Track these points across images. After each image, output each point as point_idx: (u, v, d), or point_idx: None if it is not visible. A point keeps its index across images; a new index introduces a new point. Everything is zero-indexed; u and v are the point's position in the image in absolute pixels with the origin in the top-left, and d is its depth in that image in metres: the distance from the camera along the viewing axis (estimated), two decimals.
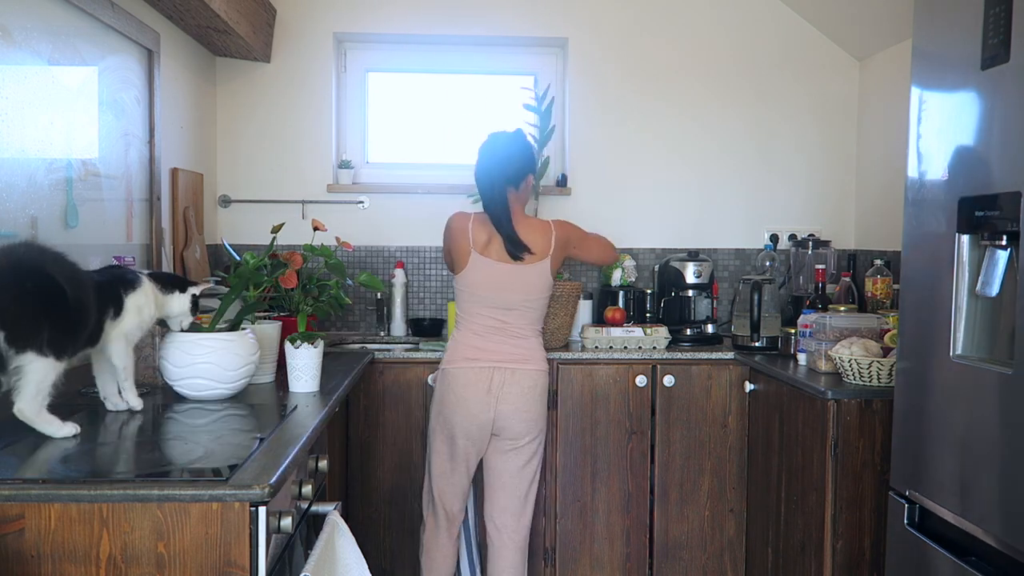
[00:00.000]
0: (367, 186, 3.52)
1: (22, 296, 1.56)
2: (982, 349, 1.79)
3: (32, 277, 1.58)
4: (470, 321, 2.60)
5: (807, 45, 3.60)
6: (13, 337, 1.55)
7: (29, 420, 1.63)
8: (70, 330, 1.65)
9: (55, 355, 1.61)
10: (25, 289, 1.57)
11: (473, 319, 2.59)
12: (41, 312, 1.58)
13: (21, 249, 1.62)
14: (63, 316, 1.62)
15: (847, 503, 2.39)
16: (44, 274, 1.60)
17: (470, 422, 2.55)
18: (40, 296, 1.59)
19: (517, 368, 2.55)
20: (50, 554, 1.36)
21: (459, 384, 2.55)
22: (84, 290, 1.69)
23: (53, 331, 1.59)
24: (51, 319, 1.59)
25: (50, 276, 1.61)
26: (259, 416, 1.96)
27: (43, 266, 1.61)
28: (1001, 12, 1.64)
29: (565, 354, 3.01)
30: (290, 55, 3.46)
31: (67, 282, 1.63)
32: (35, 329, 1.57)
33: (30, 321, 1.57)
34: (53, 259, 1.64)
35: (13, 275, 1.57)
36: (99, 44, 2.31)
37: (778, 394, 2.75)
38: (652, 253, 3.60)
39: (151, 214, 2.69)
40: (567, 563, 3.05)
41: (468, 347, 2.57)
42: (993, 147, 1.69)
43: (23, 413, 1.62)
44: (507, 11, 3.50)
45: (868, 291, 3.06)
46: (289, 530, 1.53)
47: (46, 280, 1.60)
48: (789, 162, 3.63)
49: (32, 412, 1.63)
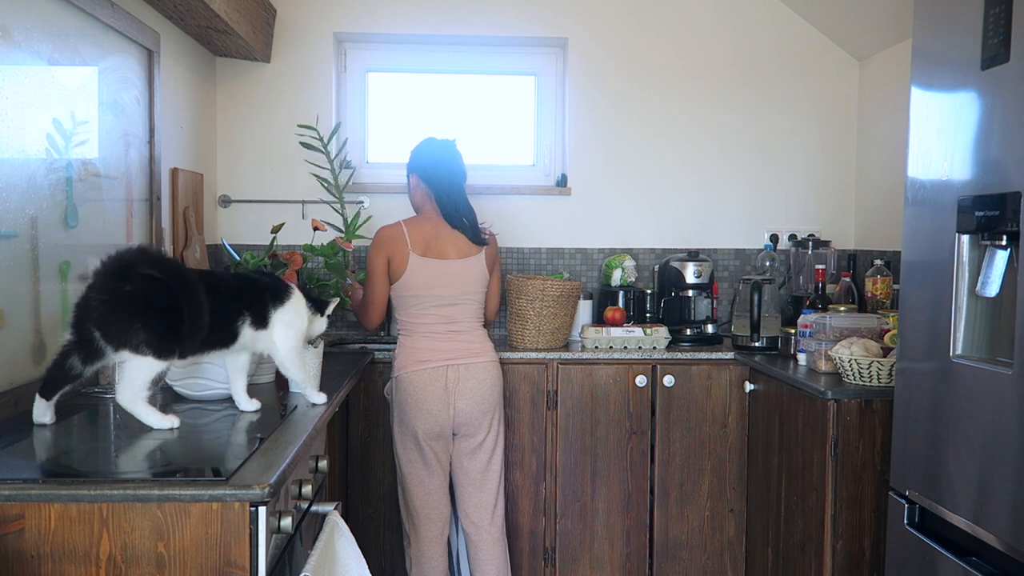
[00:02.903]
0: (367, 186, 3.52)
1: (117, 299, 1.66)
2: (982, 349, 1.79)
3: (132, 281, 1.67)
4: (416, 324, 2.64)
5: (807, 45, 3.60)
6: (107, 336, 1.66)
7: (126, 408, 1.74)
8: (172, 331, 1.70)
9: (154, 354, 1.68)
10: (122, 292, 1.66)
11: (419, 321, 2.63)
12: (137, 314, 1.66)
13: (128, 254, 1.70)
14: (165, 318, 1.69)
15: (847, 503, 2.39)
16: (144, 278, 1.68)
17: (433, 423, 2.59)
18: (137, 299, 1.67)
19: (471, 362, 2.61)
20: (50, 554, 1.36)
21: (415, 387, 2.58)
22: (192, 293, 1.73)
23: (149, 333, 1.67)
24: (147, 321, 1.67)
25: (151, 280, 1.68)
26: (259, 416, 1.96)
27: (145, 270, 1.68)
28: (1001, 12, 1.64)
29: (565, 354, 3.01)
30: (290, 55, 3.46)
31: (171, 286, 1.70)
32: (128, 330, 1.66)
33: (123, 322, 1.66)
34: (159, 263, 1.72)
35: (114, 278, 1.66)
36: (99, 44, 2.31)
37: (778, 394, 2.75)
38: (652, 253, 3.60)
39: (151, 214, 2.69)
40: (567, 563, 3.05)
41: (418, 350, 2.61)
42: (993, 147, 1.69)
43: (120, 402, 1.73)
44: (507, 11, 3.50)
45: (868, 291, 3.06)
46: (289, 530, 1.53)
47: (146, 284, 1.68)
48: (789, 162, 3.63)
49: (127, 402, 1.73)
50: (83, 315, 1.67)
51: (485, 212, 3.41)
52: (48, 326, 2.04)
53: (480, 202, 3.49)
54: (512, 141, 3.70)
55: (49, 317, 2.04)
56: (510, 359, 2.98)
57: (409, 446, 2.64)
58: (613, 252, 3.57)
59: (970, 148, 1.76)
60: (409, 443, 2.64)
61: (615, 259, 3.45)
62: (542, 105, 3.66)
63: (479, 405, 2.62)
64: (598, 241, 3.58)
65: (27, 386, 1.90)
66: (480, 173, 3.61)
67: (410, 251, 2.61)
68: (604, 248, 3.59)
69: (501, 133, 3.70)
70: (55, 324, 2.07)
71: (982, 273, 1.71)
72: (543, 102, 3.66)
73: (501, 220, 3.49)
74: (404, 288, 2.63)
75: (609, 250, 3.58)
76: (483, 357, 2.64)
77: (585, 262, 3.58)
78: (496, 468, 2.71)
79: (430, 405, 2.58)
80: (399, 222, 2.68)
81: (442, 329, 2.62)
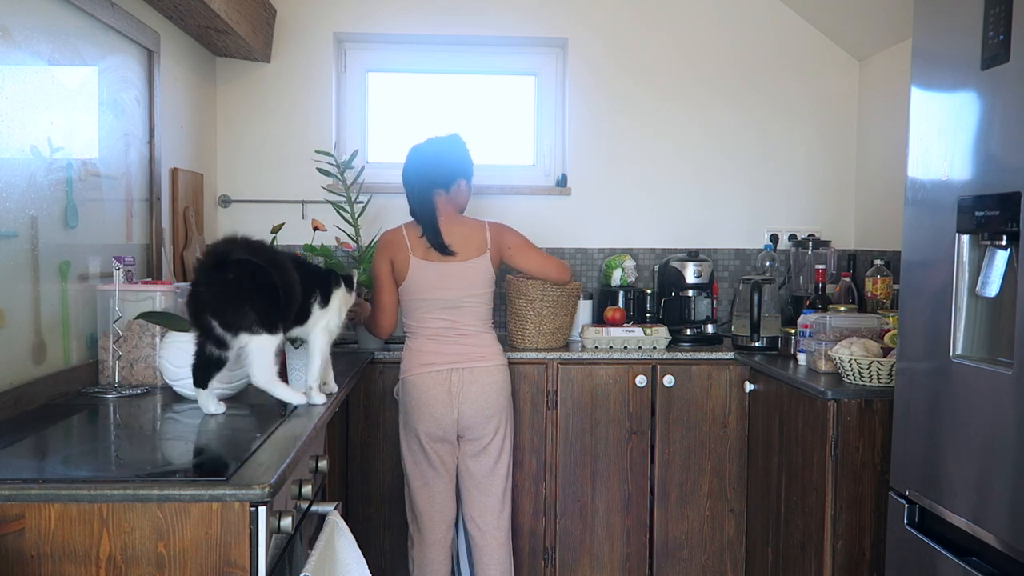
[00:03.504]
0: (367, 186, 3.52)
1: (225, 288, 1.80)
2: (982, 349, 1.79)
3: (232, 269, 1.81)
4: (421, 327, 2.63)
5: (807, 45, 3.60)
6: (225, 323, 1.80)
7: (263, 388, 1.88)
8: (277, 307, 1.86)
9: (268, 330, 1.84)
10: (227, 281, 1.80)
11: (424, 324, 2.63)
12: (244, 298, 1.81)
13: (220, 246, 1.84)
14: (267, 296, 1.84)
15: (847, 503, 2.39)
16: (241, 263, 1.82)
17: (435, 426, 2.59)
18: (241, 284, 1.81)
19: (475, 366, 2.60)
20: (50, 554, 1.36)
21: (419, 390, 2.58)
22: (284, 271, 1.88)
23: (259, 312, 1.82)
24: (254, 302, 1.82)
25: (247, 264, 1.82)
26: (259, 416, 1.96)
27: (240, 256, 1.82)
28: (1001, 12, 1.64)
29: (565, 354, 3.01)
30: (290, 55, 3.46)
31: (266, 266, 1.84)
32: (241, 313, 1.81)
33: (235, 308, 1.80)
34: (249, 247, 1.85)
35: (216, 271, 1.80)
36: (99, 44, 2.31)
37: (778, 394, 2.75)
38: (652, 253, 3.60)
39: (151, 214, 2.69)
40: (567, 563, 3.05)
41: (423, 352, 2.61)
42: (993, 147, 1.69)
43: (257, 383, 1.87)
44: (507, 11, 3.50)
45: (868, 291, 3.06)
46: (289, 530, 1.53)
47: (244, 268, 1.82)
48: (789, 162, 3.63)
49: (264, 382, 1.88)
50: (198, 308, 1.80)
51: (485, 212, 3.41)
52: (48, 326, 2.04)
53: (480, 202, 3.50)
54: (512, 141, 3.71)
55: (49, 317, 2.04)
56: (510, 359, 2.97)
57: (414, 448, 2.64)
58: (613, 252, 3.57)
59: (970, 148, 1.76)
60: (413, 445, 2.64)
61: (615, 259, 3.45)
62: (542, 105, 3.66)
63: (484, 409, 2.61)
64: (598, 241, 3.58)
65: (27, 386, 1.91)
66: (480, 173, 3.59)
67: (411, 254, 2.61)
68: (604, 248, 3.59)
69: (501, 133, 3.70)
70: (55, 324, 2.08)
71: (982, 273, 1.71)
72: (543, 102, 3.66)
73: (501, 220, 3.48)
74: (408, 292, 2.63)
75: (609, 250, 3.58)
76: (489, 361, 2.63)
77: (585, 262, 3.58)
78: (502, 472, 2.69)
79: (433, 408, 2.58)
80: (400, 226, 2.68)
81: (448, 332, 2.62)
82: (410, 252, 2.61)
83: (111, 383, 2.17)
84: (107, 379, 2.19)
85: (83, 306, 2.21)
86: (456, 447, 2.67)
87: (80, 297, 2.20)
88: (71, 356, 2.14)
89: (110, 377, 2.18)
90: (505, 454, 2.69)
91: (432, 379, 2.58)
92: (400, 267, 2.62)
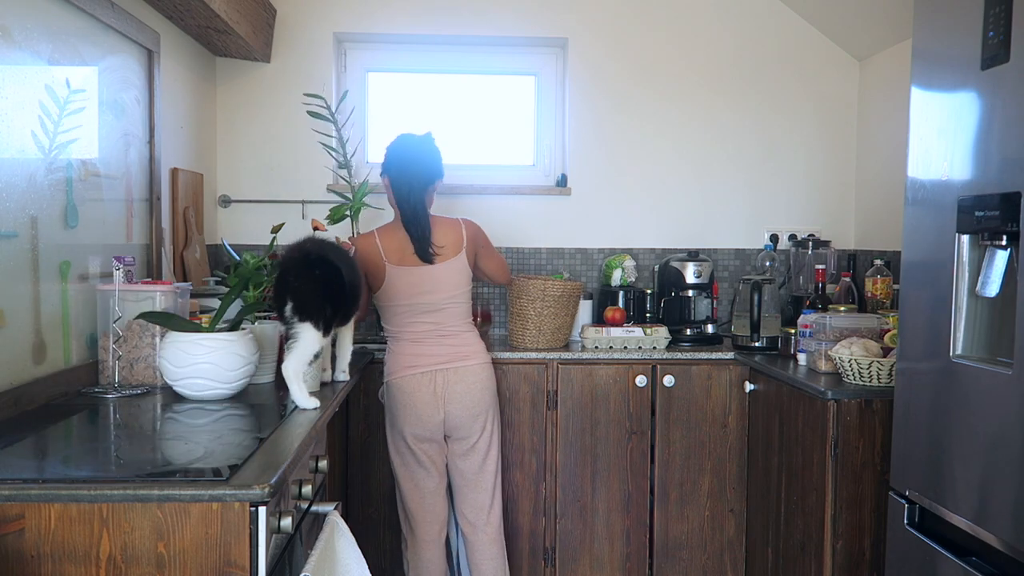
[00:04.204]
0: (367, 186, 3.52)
1: (312, 282, 1.96)
2: (982, 349, 1.79)
3: (319, 266, 1.98)
4: (404, 331, 2.62)
5: (807, 45, 3.60)
6: (299, 308, 1.94)
7: (288, 378, 1.96)
8: (340, 311, 2.04)
9: (324, 331, 1.99)
10: (315, 276, 1.97)
11: (406, 328, 2.61)
12: (325, 296, 1.97)
13: (308, 244, 2.01)
14: (340, 300, 2.02)
15: (847, 503, 2.39)
16: (329, 263, 1.98)
17: (423, 427, 2.59)
18: (325, 282, 1.98)
19: (460, 366, 2.59)
20: (50, 554, 1.36)
21: (405, 392, 2.58)
22: (359, 278, 2.07)
23: (333, 312, 2.00)
24: (332, 302, 1.99)
25: (334, 266, 1.99)
26: (259, 416, 1.96)
27: (328, 258, 1.99)
28: (1001, 12, 1.64)
29: (565, 354, 3.01)
30: (290, 55, 3.46)
31: (346, 272, 2.01)
32: (319, 308, 1.96)
33: (316, 300, 1.96)
34: (334, 251, 2.02)
35: (305, 264, 1.97)
36: (99, 44, 2.31)
37: (778, 394, 2.75)
38: (652, 253, 3.60)
39: (151, 214, 2.69)
40: (567, 563, 3.05)
41: (406, 355, 2.60)
42: (993, 147, 1.69)
43: (287, 371, 1.96)
44: (507, 11, 3.50)
45: (868, 291, 3.06)
46: (289, 530, 1.53)
47: (331, 269, 1.99)
48: (789, 162, 3.63)
49: (291, 373, 1.96)
50: (282, 289, 1.96)
51: (485, 212, 3.41)
52: (48, 326, 2.04)
53: (480, 202, 3.50)
54: (512, 141, 3.70)
55: (49, 317, 2.04)
56: (510, 359, 2.98)
57: (402, 449, 2.64)
58: (613, 252, 3.57)
59: (970, 148, 1.76)
60: (401, 447, 2.64)
61: (615, 259, 3.45)
62: (542, 105, 3.66)
63: (470, 409, 2.61)
64: (598, 241, 3.58)
65: (27, 386, 1.91)
66: (480, 173, 3.62)
67: (385, 263, 2.57)
68: (604, 248, 3.59)
69: (501, 133, 3.70)
70: (55, 324, 2.07)
71: (982, 273, 1.71)
72: (543, 102, 3.66)
73: (501, 220, 3.49)
74: (387, 298, 2.60)
75: (609, 250, 3.58)
76: (473, 360, 2.62)
77: (585, 262, 3.58)
78: (491, 468, 2.70)
79: (419, 410, 2.58)
80: (372, 232, 2.63)
81: (431, 334, 2.60)
82: (384, 261, 2.57)
83: (111, 383, 2.17)
84: (107, 379, 2.19)
85: (83, 306, 2.21)
86: (444, 446, 2.67)
87: (80, 297, 2.20)
88: (71, 356, 2.14)
89: (110, 377, 2.18)
90: (493, 450, 2.70)
91: (417, 381, 2.57)
92: (374, 276, 2.59)
